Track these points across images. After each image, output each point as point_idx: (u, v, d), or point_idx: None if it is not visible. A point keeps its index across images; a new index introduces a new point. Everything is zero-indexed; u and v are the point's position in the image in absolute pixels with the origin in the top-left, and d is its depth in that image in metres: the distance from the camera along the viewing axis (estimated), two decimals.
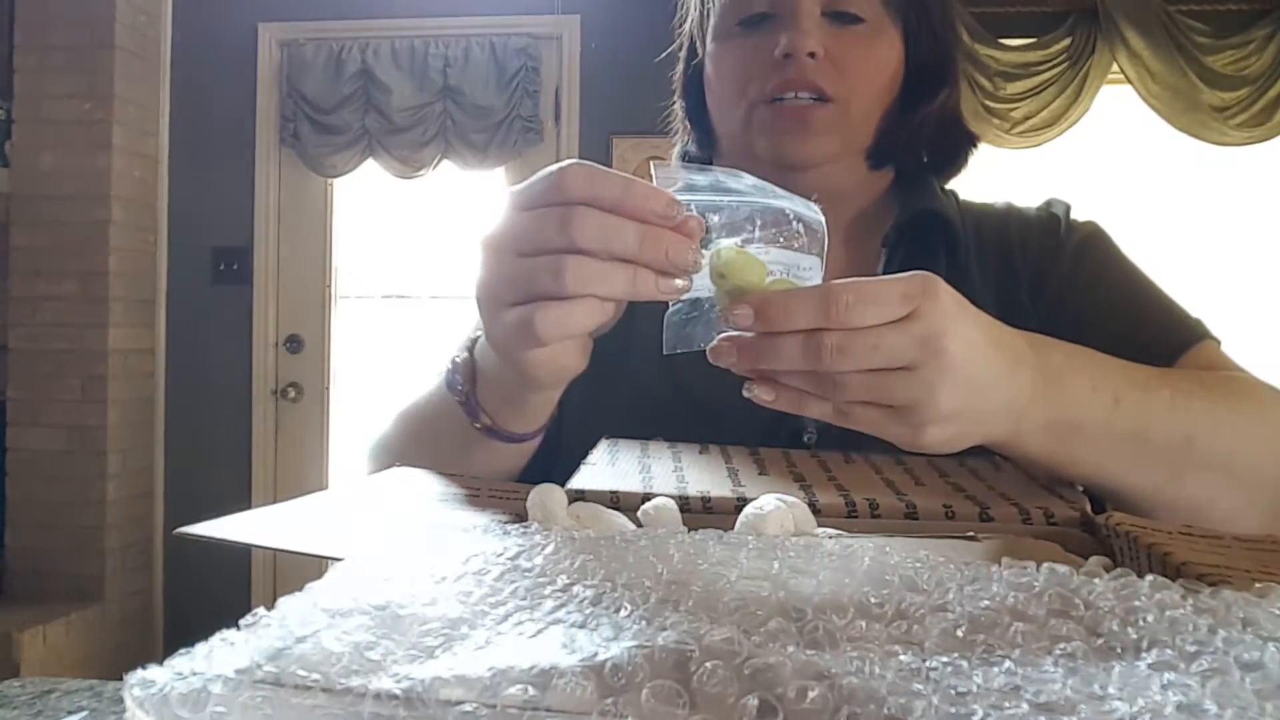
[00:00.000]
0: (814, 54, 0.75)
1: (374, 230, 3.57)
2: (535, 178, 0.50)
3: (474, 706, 0.25)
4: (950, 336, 0.48)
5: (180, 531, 0.46)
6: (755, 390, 0.50)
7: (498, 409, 0.65)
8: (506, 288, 0.51)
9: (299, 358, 3.51)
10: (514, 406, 0.65)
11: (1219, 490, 0.63)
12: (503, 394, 0.64)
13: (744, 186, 0.50)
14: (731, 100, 0.81)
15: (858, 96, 0.78)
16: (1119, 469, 0.60)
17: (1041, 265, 0.81)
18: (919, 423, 0.49)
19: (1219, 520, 0.62)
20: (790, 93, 0.76)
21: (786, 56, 0.75)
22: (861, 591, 0.34)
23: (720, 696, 0.25)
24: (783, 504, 0.48)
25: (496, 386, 0.64)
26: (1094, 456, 0.59)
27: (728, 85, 0.81)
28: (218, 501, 1.17)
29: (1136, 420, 0.59)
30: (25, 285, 3.19)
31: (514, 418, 0.65)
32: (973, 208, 0.87)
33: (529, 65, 3.33)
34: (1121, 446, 0.59)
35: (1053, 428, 0.56)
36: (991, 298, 0.79)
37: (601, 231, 0.47)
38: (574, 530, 0.44)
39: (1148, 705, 0.25)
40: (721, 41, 0.82)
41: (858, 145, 0.82)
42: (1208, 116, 3.11)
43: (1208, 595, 0.33)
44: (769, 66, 0.77)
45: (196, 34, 3.48)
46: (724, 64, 0.81)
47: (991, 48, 3.18)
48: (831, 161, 0.79)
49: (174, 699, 0.26)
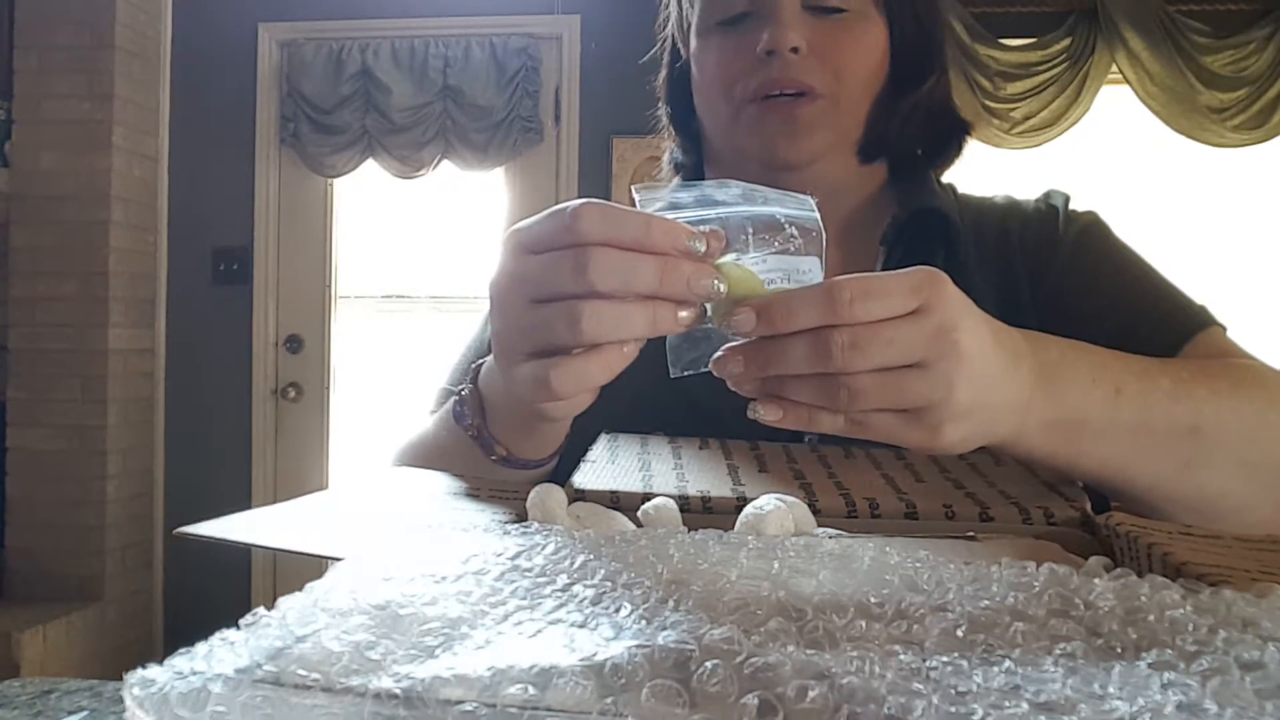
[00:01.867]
0: (797, 49, 0.74)
1: (374, 230, 3.57)
2: (541, 217, 0.48)
3: (474, 706, 0.25)
4: (961, 330, 0.46)
5: (180, 531, 0.46)
6: (761, 410, 0.47)
7: (512, 439, 0.63)
8: (520, 338, 0.49)
9: (299, 358, 3.51)
10: (528, 435, 0.63)
11: (1230, 481, 0.61)
12: (516, 425, 0.63)
13: (731, 197, 0.49)
14: (718, 101, 0.80)
15: (845, 88, 0.77)
16: (1125, 462, 0.58)
17: (1041, 258, 0.80)
18: (935, 423, 0.47)
19: (1232, 513, 0.60)
20: (775, 90, 0.76)
21: (769, 53, 0.75)
22: (861, 591, 0.34)
23: (720, 696, 0.25)
24: (783, 504, 0.48)
25: (508, 419, 0.62)
26: (1099, 451, 0.57)
27: (712, 86, 0.80)
28: (218, 501, 1.17)
29: (1139, 411, 0.57)
30: (25, 285, 3.19)
31: (528, 446, 0.64)
32: (971, 201, 0.86)
33: (529, 65, 3.33)
34: (1126, 439, 0.57)
35: (1054, 426, 0.55)
36: (991, 293, 0.79)
37: (621, 271, 0.45)
38: (574, 530, 0.44)
39: (1148, 705, 0.25)
40: (704, 42, 0.81)
41: (848, 139, 0.81)
42: (1206, 118, 3.11)
43: (1208, 595, 0.33)
44: (752, 65, 0.76)
45: (196, 34, 3.48)
46: (707, 65, 0.80)
47: (991, 48, 3.18)
48: (823, 158, 0.79)
49: (174, 698, 0.26)
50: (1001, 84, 3.17)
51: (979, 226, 0.83)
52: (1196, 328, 0.73)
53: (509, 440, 0.63)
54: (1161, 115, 3.14)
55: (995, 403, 0.50)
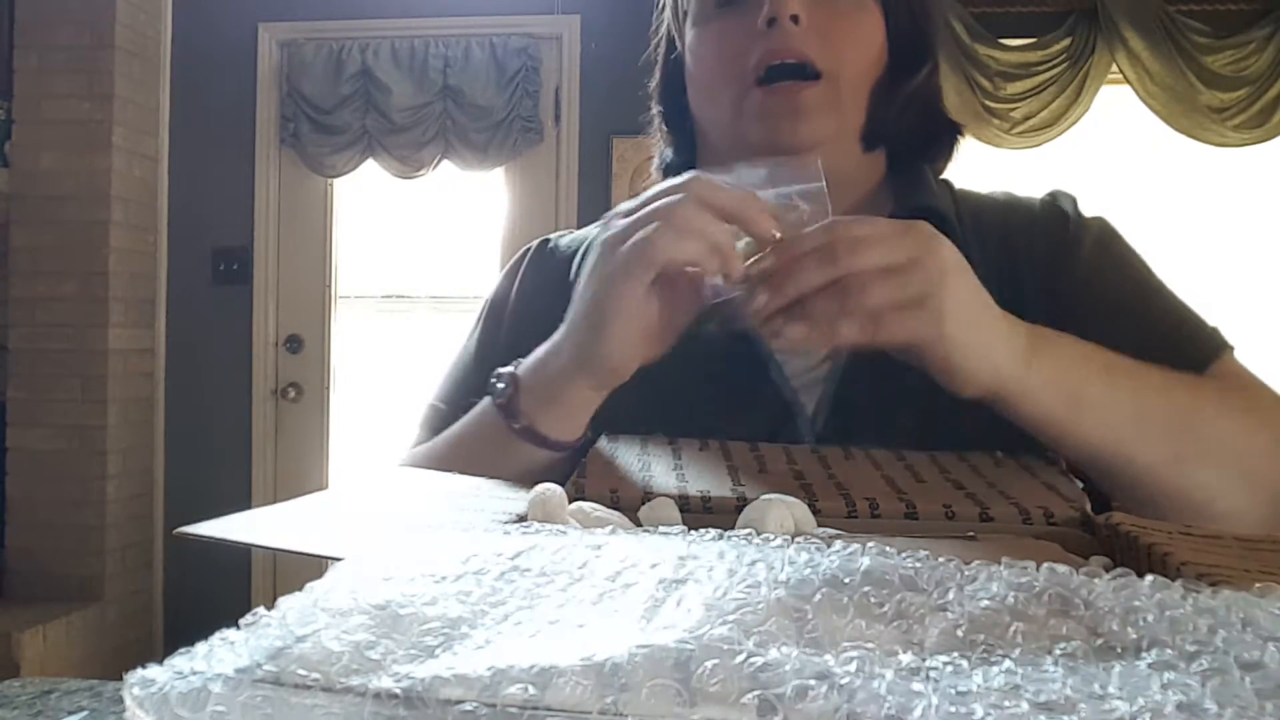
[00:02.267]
0: (796, 17, 0.74)
1: (374, 230, 3.57)
2: None
3: (474, 705, 0.25)
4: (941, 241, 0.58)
5: (180, 531, 0.46)
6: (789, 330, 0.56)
7: (538, 412, 0.66)
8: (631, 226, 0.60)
9: (299, 358, 3.51)
10: (556, 407, 0.66)
11: (1219, 486, 0.63)
12: (549, 394, 0.66)
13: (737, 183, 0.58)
14: (717, 85, 0.80)
15: (845, 69, 0.77)
16: (1119, 441, 0.62)
17: (1053, 266, 0.78)
18: (937, 311, 0.56)
19: (1222, 517, 0.62)
20: (776, 60, 0.75)
21: (770, 23, 0.75)
22: (861, 591, 0.34)
23: (720, 696, 0.25)
24: (783, 504, 0.48)
25: (543, 388, 0.66)
26: (1096, 423, 0.61)
27: (712, 69, 0.80)
28: (218, 501, 1.17)
29: (1131, 394, 0.62)
30: (25, 285, 3.19)
31: (555, 421, 0.66)
32: (970, 199, 0.85)
33: (529, 65, 3.33)
34: (1121, 418, 0.61)
35: (1055, 387, 0.60)
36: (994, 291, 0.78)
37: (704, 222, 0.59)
38: (574, 530, 0.44)
39: (1148, 705, 0.25)
40: (702, 26, 0.81)
41: (850, 125, 0.81)
42: (1206, 118, 3.11)
43: (1208, 595, 0.33)
44: (753, 38, 0.76)
45: (196, 34, 3.48)
46: (706, 46, 0.80)
47: (991, 48, 3.18)
48: (827, 143, 0.78)
49: (174, 698, 0.26)
50: (1001, 84, 3.17)
51: (979, 225, 0.82)
52: (1211, 356, 0.74)
53: (534, 413, 0.66)
54: (1162, 115, 3.14)
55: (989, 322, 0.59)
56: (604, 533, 0.42)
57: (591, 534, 0.43)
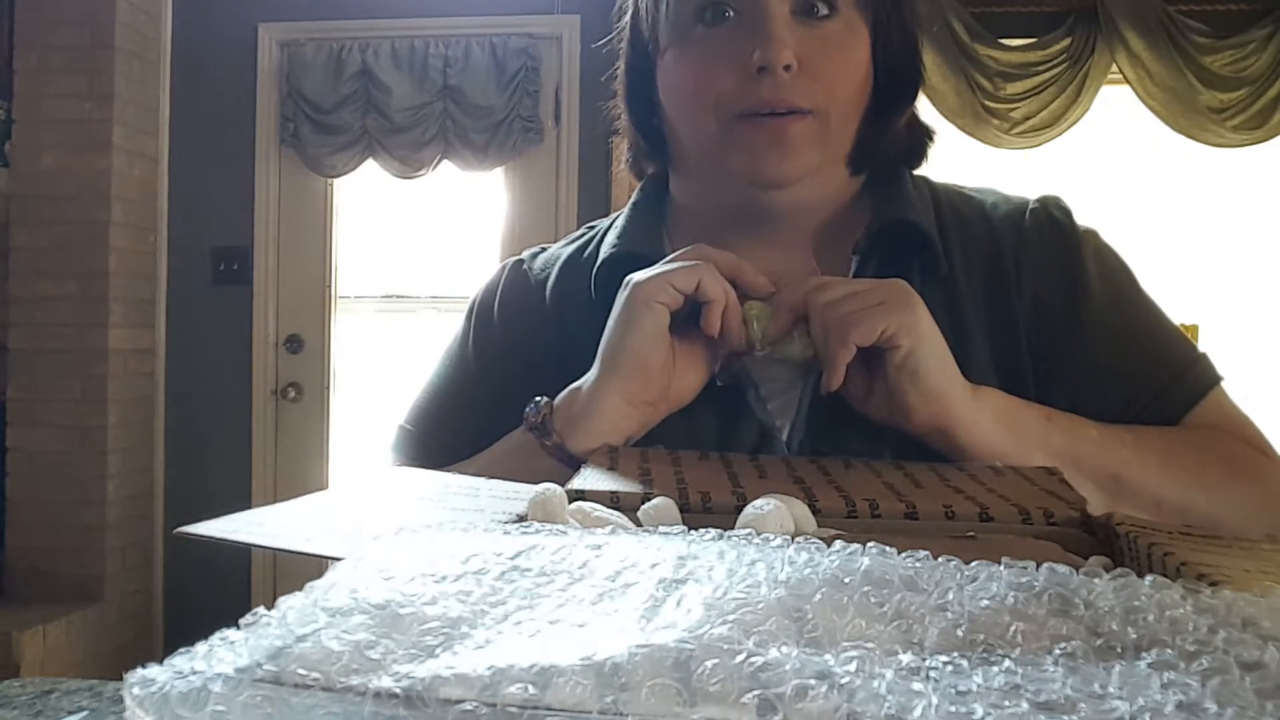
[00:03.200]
0: (789, 66, 0.71)
1: (374, 230, 3.57)
2: None
3: (474, 705, 0.25)
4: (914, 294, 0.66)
5: (180, 531, 0.46)
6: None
7: (569, 430, 0.69)
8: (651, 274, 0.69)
9: (299, 358, 3.51)
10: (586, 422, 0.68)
11: None
12: (580, 411, 0.69)
13: None
14: (700, 114, 0.75)
15: (835, 104, 0.74)
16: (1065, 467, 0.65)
17: (1047, 277, 0.77)
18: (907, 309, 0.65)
19: None
20: (765, 110, 0.72)
21: (761, 70, 0.71)
22: (861, 591, 0.34)
23: (720, 695, 0.25)
24: (783, 504, 0.48)
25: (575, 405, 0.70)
26: (1041, 455, 0.66)
27: (693, 98, 0.76)
28: (218, 501, 1.17)
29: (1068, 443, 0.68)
30: (25, 285, 3.19)
31: (584, 437, 0.68)
32: (951, 196, 0.82)
33: (529, 65, 3.33)
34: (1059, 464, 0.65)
35: (1003, 423, 0.67)
36: (980, 292, 0.76)
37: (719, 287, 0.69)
38: (574, 530, 0.44)
39: (1148, 705, 0.25)
40: (682, 45, 0.76)
41: (837, 154, 0.78)
42: (1206, 118, 3.11)
43: (1208, 595, 0.33)
44: (741, 80, 0.72)
45: (196, 34, 3.48)
46: (688, 71, 0.76)
47: (991, 48, 3.18)
48: (811, 175, 0.76)
49: (174, 698, 0.26)
50: (1001, 84, 3.17)
51: (962, 222, 0.79)
52: (1201, 393, 0.76)
53: (565, 430, 0.69)
54: (1161, 115, 3.14)
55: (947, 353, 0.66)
56: (604, 533, 0.42)
57: (591, 534, 0.43)
